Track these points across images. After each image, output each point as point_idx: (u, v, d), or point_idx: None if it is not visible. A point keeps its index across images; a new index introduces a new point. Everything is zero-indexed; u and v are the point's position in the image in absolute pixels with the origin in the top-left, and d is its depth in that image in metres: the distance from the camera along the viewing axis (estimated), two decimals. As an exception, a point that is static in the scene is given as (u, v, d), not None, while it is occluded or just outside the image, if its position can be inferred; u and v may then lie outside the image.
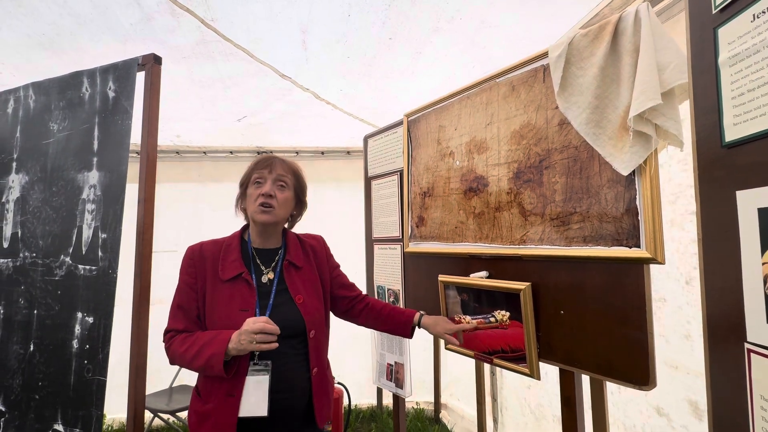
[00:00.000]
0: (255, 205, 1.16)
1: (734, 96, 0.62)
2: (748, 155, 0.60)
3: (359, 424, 3.10)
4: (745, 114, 0.60)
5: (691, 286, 1.43)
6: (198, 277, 1.15)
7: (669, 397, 1.52)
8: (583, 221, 1.08)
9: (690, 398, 1.44)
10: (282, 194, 1.20)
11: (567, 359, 1.13)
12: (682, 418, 1.48)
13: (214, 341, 1.05)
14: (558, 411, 2.12)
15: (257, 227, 1.21)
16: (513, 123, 1.28)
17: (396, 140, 1.87)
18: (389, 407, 3.23)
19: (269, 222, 1.19)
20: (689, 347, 1.43)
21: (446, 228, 1.54)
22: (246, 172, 1.23)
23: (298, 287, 1.20)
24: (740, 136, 0.61)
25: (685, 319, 1.45)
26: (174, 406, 2.49)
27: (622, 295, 1.00)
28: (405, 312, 1.40)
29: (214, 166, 3.26)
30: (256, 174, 1.18)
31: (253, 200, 1.17)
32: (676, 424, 1.49)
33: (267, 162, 1.19)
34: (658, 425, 1.57)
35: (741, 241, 0.61)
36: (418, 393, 3.25)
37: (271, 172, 1.18)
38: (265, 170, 1.18)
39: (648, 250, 0.94)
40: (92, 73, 1.50)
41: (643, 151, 0.93)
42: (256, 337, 1.02)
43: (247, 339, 1.02)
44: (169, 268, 2.51)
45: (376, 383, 1.96)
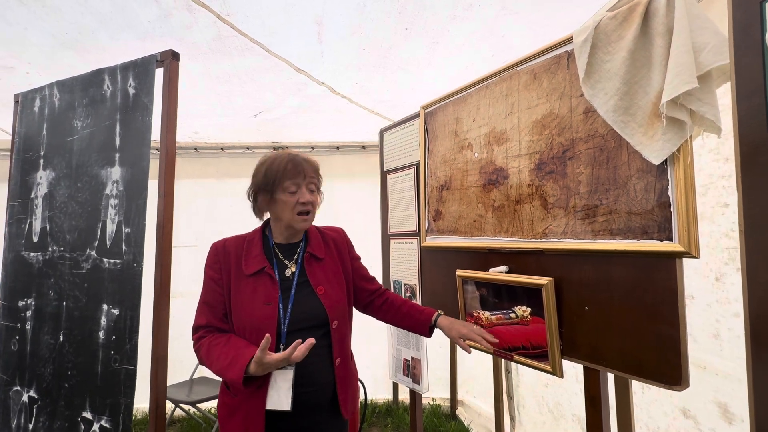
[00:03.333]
0: (293, 214, 1.16)
1: (784, 74, 0.57)
2: (800, 139, 0.56)
3: (375, 419, 3.10)
4: (798, 93, 0.55)
5: (722, 283, 1.36)
6: (223, 272, 1.16)
7: (696, 398, 1.46)
8: (610, 213, 1.04)
9: (719, 400, 1.37)
10: (314, 197, 1.21)
11: (592, 357, 1.09)
12: (710, 421, 1.41)
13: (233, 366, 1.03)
14: (577, 410, 2.07)
15: (288, 230, 1.21)
16: (535, 113, 1.24)
17: (412, 133, 1.85)
18: (405, 402, 3.22)
19: (306, 228, 1.22)
20: (718, 347, 1.36)
21: (464, 222, 1.51)
22: (270, 176, 1.16)
23: (319, 278, 1.20)
24: (791, 117, 0.56)
25: (714, 318, 1.38)
26: (194, 398, 2.53)
27: (653, 291, 0.95)
28: (424, 311, 1.37)
29: (231, 162, 3.29)
30: (289, 181, 1.15)
31: (290, 208, 1.16)
32: (704, 428, 1.43)
33: (298, 169, 1.16)
34: (683, 427, 1.51)
35: (791, 231, 0.56)
36: (435, 389, 3.23)
37: (305, 178, 1.17)
38: (298, 177, 1.16)
39: (681, 243, 0.89)
40: (113, 71, 1.52)
41: (677, 139, 0.88)
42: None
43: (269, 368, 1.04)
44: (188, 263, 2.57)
45: (392, 378, 1.95)
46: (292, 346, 1.00)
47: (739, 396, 1.31)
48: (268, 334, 1.00)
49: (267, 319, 1.10)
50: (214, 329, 1.15)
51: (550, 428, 2.30)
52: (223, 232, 1.28)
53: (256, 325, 1.10)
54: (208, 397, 2.53)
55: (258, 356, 1.00)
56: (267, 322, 1.10)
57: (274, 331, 1.09)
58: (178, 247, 3.00)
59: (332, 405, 1.17)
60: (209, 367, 1.10)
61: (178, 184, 1.44)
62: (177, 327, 1.66)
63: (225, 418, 1.14)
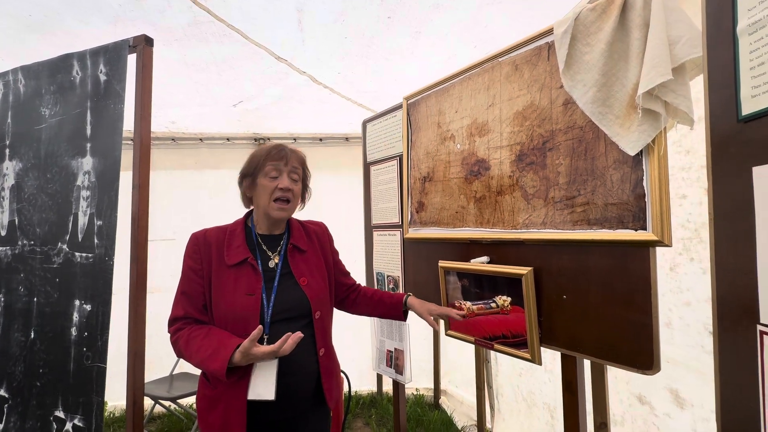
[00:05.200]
0: (270, 200, 1.15)
1: (753, 66, 0.59)
2: (766, 129, 0.57)
3: (359, 410, 3.12)
4: (765, 85, 0.57)
5: (675, 273, 1.41)
6: (203, 262, 1.14)
7: (650, 385, 1.52)
8: (588, 204, 1.06)
9: (671, 387, 1.43)
10: (296, 187, 1.20)
11: (569, 344, 1.11)
12: (664, 407, 1.48)
13: (216, 357, 1.02)
14: (547, 398, 2.15)
15: (268, 219, 1.21)
16: (516, 104, 1.25)
17: (395, 124, 1.84)
18: (389, 393, 3.25)
19: (285, 218, 1.20)
20: (670, 335, 1.41)
21: (446, 213, 1.52)
22: (254, 161, 1.17)
23: (302, 270, 1.20)
24: (758, 108, 0.58)
25: (667, 307, 1.43)
26: (175, 393, 2.50)
27: (627, 280, 0.98)
28: (394, 296, 1.41)
29: (211, 153, 3.22)
30: (270, 165, 1.15)
31: (269, 193, 1.15)
32: (659, 413, 1.50)
33: (281, 153, 1.16)
34: (639, 414, 1.57)
35: (756, 218, 0.58)
36: (418, 379, 3.27)
37: (287, 164, 1.17)
38: (280, 162, 1.16)
39: (654, 232, 0.91)
40: (82, 56, 1.46)
41: (652, 130, 0.90)
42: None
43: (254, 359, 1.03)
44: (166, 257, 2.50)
45: (376, 370, 1.96)
46: (282, 340, 1.00)
47: (688, 382, 1.38)
48: (260, 325, 1.00)
49: (249, 310, 1.09)
50: (192, 321, 1.13)
51: (524, 416, 2.37)
52: (202, 224, 1.25)
53: (238, 316, 1.09)
54: (188, 393, 2.49)
55: (246, 346, 0.99)
56: (250, 312, 1.09)
57: (257, 320, 1.09)
58: (155, 241, 2.92)
59: (316, 395, 1.18)
60: (188, 359, 1.08)
61: (155, 175, 1.39)
62: (155, 322, 1.63)
63: (205, 411, 1.12)
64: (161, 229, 2.97)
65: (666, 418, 1.47)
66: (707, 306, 1.31)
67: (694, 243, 1.34)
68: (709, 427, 1.33)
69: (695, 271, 1.35)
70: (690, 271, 1.37)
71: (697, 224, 1.33)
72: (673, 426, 1.45)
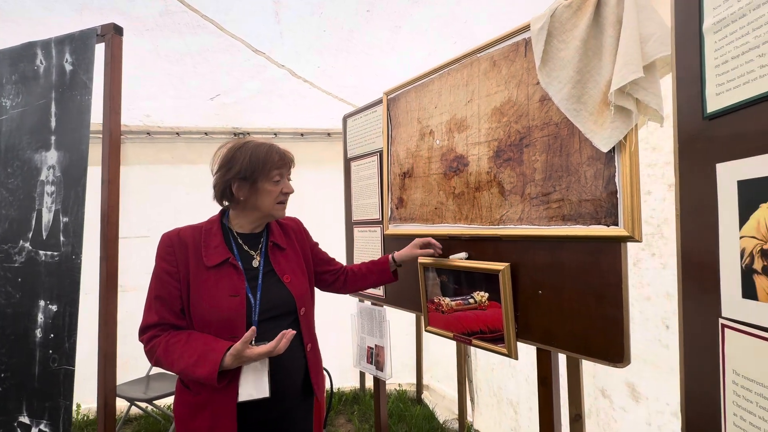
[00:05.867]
0: (275, 203, 1.16)
1: (717, 64, 0.60)
2: (730, 126, 0.59)
3: (342, 407, 3.12)
4: (728, 83, 0.58)
5: (638, 268, 1.45)
6: (179, 264, 1.09)
7: (611, 380, 1.57)
8: (563, 200, 1.07)
9: (628, 380, 1.48)
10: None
11: (544, 339, 1.13)
12: (621, 400, 1.53)
13: (205, 362, 0.99)
14: (510, 394, 2.21)
15: (260, 219, 1.19)
16: (494, 100, 1.25)
17: (375, 119, 1.83)
18: (372, 390, 3.26)
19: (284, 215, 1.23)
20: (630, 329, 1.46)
21: (426, 209, 1.52)
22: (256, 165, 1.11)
23: (284, 267, 1.19)
24: (722, 106, 0.59)
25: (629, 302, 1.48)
26: (151, 394, 2.44)
27: (600, 274, 0.99)
28: (380, 260, 1.46)
29: (188, 148, 3.14)
30: (277, 171, 1.15)
31: (274, 197, 1.15)
32: (617, 406, 1.55)
33: (286, 161, 1.18)
34: (602, 407, 1.63)
35: (719, 215, 0.59)
36: (401, 375, 3.28)
37: (289, 169, 1.20)
38: (285, 168, 1.18)
39: (626, 227, 0.93)
40: (46, 44, 1.39)
41: (624, 127, 0.91)
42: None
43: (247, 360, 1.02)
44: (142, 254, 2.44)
45: (356, 366, 1.96)
46: (277, 338, 0.99)
47: (644, 376, 1.43)
48: (253, 327, 0.99)
49: (236, 311, 1.07)
50: (168, 326, 1.09)
51: (495, 411, 2.42)
52: (179, 221, 1.21)
53: (223, 318, 1.06)
54: (165, 393, 2.44)
55: (238, 349, 0.97)
56: (236, 313, 1.06)
57: (243, 321, 1.07)
58: (129, 238, 2.85)
59: (304, 389, 1.18)
60: (169, 368, 1.04)
61: (130, 170, 1.35)
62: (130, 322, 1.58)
63: (186, 419, 1.08)
64: (136, 226, 2.89)
65: (622, 412, 1.52)
66: (666, 301, 1.35)
67: (656, 239, 1.38)
68: (662, 420, 1.38)
69: (656, 267, 1.39)
70: (651, 266, 1.41)
71: (659, 220, 1.37)
72: (628, 419, 1.50)
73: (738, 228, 0.56)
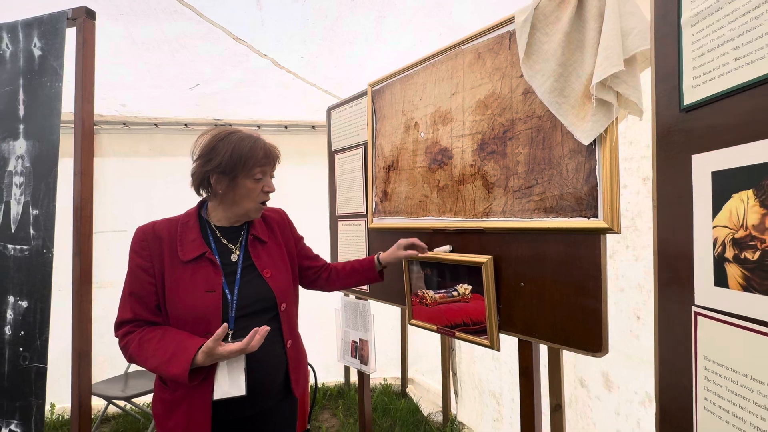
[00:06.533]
0: (255, 202, 1.14)
1: (694, 57, 0.61)
2: (705, 118, 0.60)
3: (327, 402, 3.12)
4: (704, 75, 0.59)
5: (613, 260, 1.49)
6: (154, 259, 1.07)
7: (588, 369, 1.62)
8: (545, 192, 1.08)
9: (603, 370, 1.53)
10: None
11: (526, 330, 1.15)
12: (596, 389, 1.59)
13: (177, 359, 0.97)
14: (492, 386, 2.25)
15: (241, 216, 1.17)
16: (478, 92, 1.26)
17: (360, 112, 1.82)
18: (357, 384, 3.27)
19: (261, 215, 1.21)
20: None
21: (411, 202, 1.52)
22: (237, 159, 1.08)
23: (264, 261, 1.17)
24: (698, 98, 0.60)
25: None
26: (129, 393, 2.39)
27: (580, 266, 1.01)
28: (364, 260, 1.45)
29: (167, 140, 3.06)
30: (260, 169, 1.11)
31: (255, 196, 1.13)
32: (593, 395, 1.60)
33: (270, 158, 1.14)
34: (580, 396, 1.68)
35: (694, 205, 0.61)
36: (386, 369, 3.30)
37: (273, 167, 1.16)
38: (269, 166, 1.14)
39: (605, 220, 0.95)
40: (13, 27, 1.33)
41: (605, 120, 0.93)
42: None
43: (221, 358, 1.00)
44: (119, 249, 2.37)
45: (340, 361, 1.96)
46: (250, 335, 0.98)
47: (617, 365, 1.48)
48: (225, 323, 0.97)
49: (211, 307, 1.05)
50: (142, 323, 1.07)
51: (477, 403, 2.47)
52: (157, 216, 1.18)
53: (198, 315, 1.04)
54: (145, 391, 2.39)
55: (210, 346, 0.96)
56: (211, 309, 1.05)
57: (219, 318, 1.05)
58: (105, 232, 2.77)
59: (284, 387, 1.17)
60: (143, 364, 1.02)
61: (105, 163, 1.32)
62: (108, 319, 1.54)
63: (163, 417, 1.07)
64: (112, 220, 2.81)
65: (596, 401, 1.57)
66: (637, 292, 1.39)
67: (630, 231, 1.42)
68: (630, 408, 1.43)
69: (629, 259, 1.43)
70: (625, 258, 1.45)
71: (633, 213, 1.41)
72: (601, 407, 1.55)
73: (711, 218, 0.58)
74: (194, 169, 1.12)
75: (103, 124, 2.89)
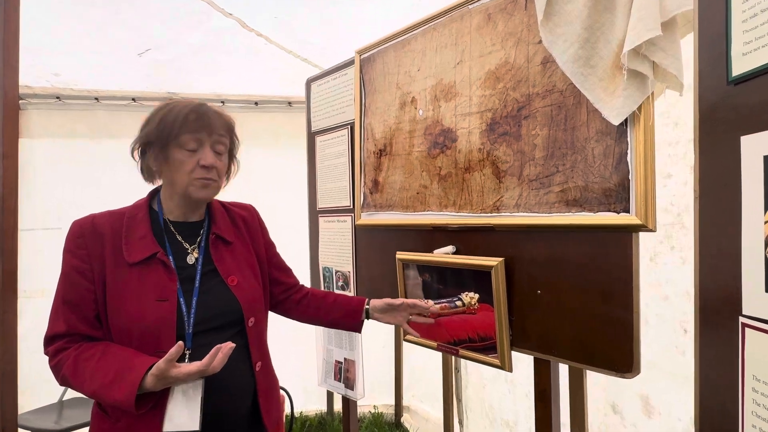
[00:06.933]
0: (191, 178, 1.09)
1: (745, 19, 0.61)
2: (757, 92, 0.60)
3: (306, 434, 3.13)
4: (757, 40, 0.59)
5: (655, 263, 1.50)
6: (93, 260, 1.05)
7: (624, 392, 1.62)
8: (567, 182, 1.09)
9: (642, 393, 1.54)
10: (222, 162, 1.14)
11: (543, 346, 1.15)
12: (632, 416, 1.59)
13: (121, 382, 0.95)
14: (506, 414, 2.26)
15: (186, 202, 1.15)
16: (488, 61, 1.26)
17: (346, 84, 1.82)
18: (341, 413, 3.27)
19: (209, 198, 1.15)
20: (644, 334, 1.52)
21: (407, 194, 1.52)
22: (165, 126, 1.08)
23: (229, 266, 1.16)
24: (750, 68, 0.60)
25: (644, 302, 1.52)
26: (65, 425, 2.37)
27: (607, 270, 1.02)
28: (354, 297, 1.41)
29: (111, 118, 3.01)
30: (189, 135, 1.08)
31: (188, 171, 1.09)
32: (628, 423, 1.61)
33: (204, 121, 1.09)
34: (612, 424, 1.69)
35: (742, 196, 0.61)
36: (377, 395, 3.31)
37: (210, 135, 1.10)
38: (202, 131, 1.09)
39: (638, 215, 0.96)
40: None
41: (638, 95, 0.93)
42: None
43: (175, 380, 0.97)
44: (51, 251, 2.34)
45: (322, 384, 1.96)
46: (211, 354, 0.96)
47: (659, 387, 1.49)
48: (180, 341, 0.95)
49: (162, 320, 1.04)
50: (79, 338, 1.05)
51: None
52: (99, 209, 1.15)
53: (147, 328, 1.03)
54: (83, 423, 2.38)
55: (161, 368, 0.93)
56: (163, 322, 1.04)
57: (173, 333, 1.04)
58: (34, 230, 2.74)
59: (252, 418, 1.16)
60: (78, 388, 1.01)
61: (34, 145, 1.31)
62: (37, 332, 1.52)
63: None
64: (43, 216, 2.77)
65: (632, 429, 1.58)
66: (685, 301, 1.41)
67: (677, 229, 1.43)
68: None
69: (675, 262, 1.45)
70: (670, 261, 1.46)
71: (680, 208, 1.42)
72: None
73: (763, 211, 0.58)
74: (131, 145, 1.13)
75: (32, 98, 2.84)
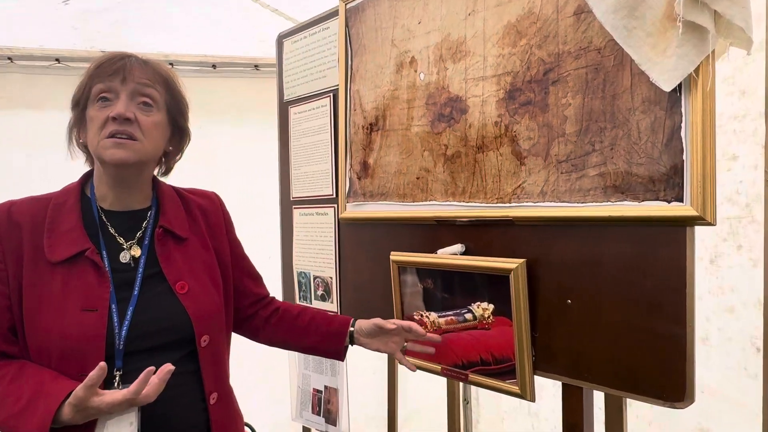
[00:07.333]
0: (101, 136, 1.08)
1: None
2: None
3: (277, 481, 3.13)
4: None
5: (716, 267, 1.51)
6: (8, 258, 1.07)
7: (676, 427, 1.63)
8: (605, 164, 1.09)
9: (700, 426, 1.54)
10: (148, 117, 1.13)
11: (574, 370, 1.16)
12: None
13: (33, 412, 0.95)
14: None
15: (108, 175, 1.14)
16: (506, 12, 1.25)
17: (328, 41, 1.83)
18: (322, 454, 3.29)
19: (128, 162, 1.10)
20: (705, 354, 1.51)
21: (404, 179, 1.52)
22: (81, 82, 1.12)
23: (179, 269, 1.17)
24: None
25: (704, 315, 1.52)
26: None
27: (654, 273, 1.02)
28: (337, 317, 1.42)
29: (31, 83, 3.00)
30: (100, 85, 1.09)
31: (98, 128, 1.08)
32: None
33: (117, 64, 1.10)
34: None
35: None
36: (366, 430, 3.32)
37: (126, 82, 1.10)
38: (115, 78, 1.09)
39: (694, 205, 0.95)
40: None
41: (695, 54, 0.92)
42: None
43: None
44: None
45: (296, 419, 1.97)
46: (141, 379, 0.95)
47: (723, 421, 1.49)
48: (103, 363, 0.93)
49: (88, 335, 1.04)
50: None
51: None
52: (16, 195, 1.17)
53: (70, 345, 1.03)
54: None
55: (79, 396, 0.93)
56: (89, 338, 1.04)
57: (101, 351, 1.04)
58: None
59: None
60: None
61: None
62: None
63: None
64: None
65: None
66: (757, 312, 1.41)
67: (744, 224, 1.43)
68: None
69: (743, 264, 1.45)
70: (736, 263, 1.46)
71: (749, 197, 1.42)
72: None
73: None
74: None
75: (-73, 57, 2.82)
